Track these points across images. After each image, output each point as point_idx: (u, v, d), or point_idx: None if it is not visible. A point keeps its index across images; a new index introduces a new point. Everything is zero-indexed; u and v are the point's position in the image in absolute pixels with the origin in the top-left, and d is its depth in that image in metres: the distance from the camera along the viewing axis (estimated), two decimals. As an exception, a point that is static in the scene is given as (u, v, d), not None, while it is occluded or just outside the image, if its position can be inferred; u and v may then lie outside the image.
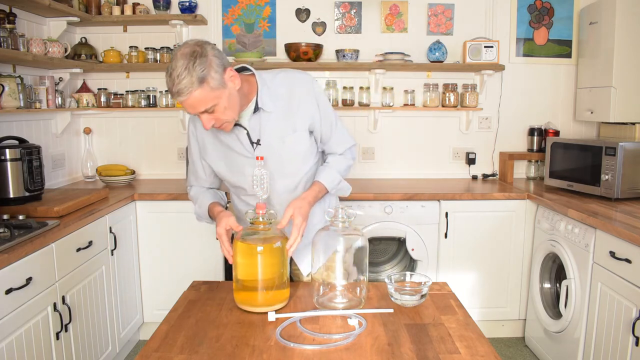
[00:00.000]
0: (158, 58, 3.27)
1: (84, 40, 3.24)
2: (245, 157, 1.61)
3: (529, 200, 2.95)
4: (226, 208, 1.74)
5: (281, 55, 3.37)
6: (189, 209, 2.76)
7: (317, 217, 1.75)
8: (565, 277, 2.51)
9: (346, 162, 1.74)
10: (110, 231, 2.57)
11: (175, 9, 3.29)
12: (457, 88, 3.37)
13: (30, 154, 2.38)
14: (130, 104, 3.31)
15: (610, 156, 2.61)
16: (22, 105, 2.57)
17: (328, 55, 3.38)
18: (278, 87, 1.59)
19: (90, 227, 2.36)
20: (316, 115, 1.63)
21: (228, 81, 1.43)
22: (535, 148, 3.39)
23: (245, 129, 1.58)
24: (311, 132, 1.66)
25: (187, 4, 3.18)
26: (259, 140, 1.59)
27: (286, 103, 1.59)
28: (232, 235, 1.56)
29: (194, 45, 1.37)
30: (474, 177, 3.50)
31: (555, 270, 2.76)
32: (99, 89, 3.33)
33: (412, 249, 2.94)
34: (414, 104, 3.37)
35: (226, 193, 1.85)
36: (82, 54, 3.16)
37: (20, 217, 2.13)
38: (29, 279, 1.83)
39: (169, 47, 3.28)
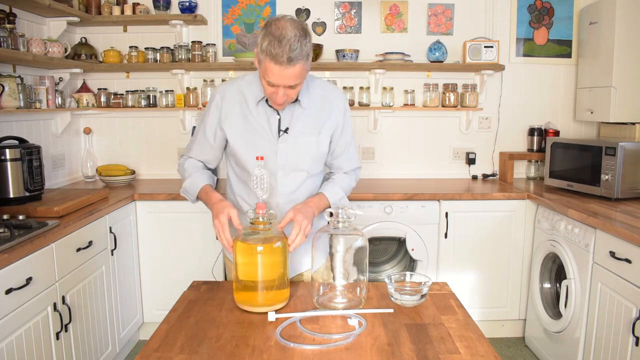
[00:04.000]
0: (158, 58, 3.27)
1: (84, 40, 3.24)
2: (266, 140, 1.65)
3: (529, 200, 2.95)
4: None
5: (281, 55, 3.36)
6: (189, 209, 2.78)
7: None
8: (565, 277, 2.51)
9: (350, 181, 1.82)
10: (110, 231, 2.57)
11: (175, 9, 3.28)
12: (457, 88, 3.36)
13: (30, 154, 2.38)
14: (130, 104, 3.30)
15: (610, 156, 2.61)
16: (22, 105, 2.57)
17: (328, 55, 3.37)
18: (315, 88, 1.70)
19: (90, 227, 2.36)
20: (339, 127, 1.72)
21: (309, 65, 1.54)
22: (535, 148, 3.39)
23: (278, 114, 1.65)
24: (330, 141, 1.73)
25: (187, 4, 3.18)
26: (287, 129, 1.65)
27: (319, 105, 1.69)
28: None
29: (300, 23, 1.47)
30: (474, 177, 3.50)
31: (555, 270, 2.76)
32: (99, 89, 3.33)
33: (412, 249, 2.94)
34: (414, 104, 3.37)
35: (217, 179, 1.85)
36: (82, 54, 3.16)
37: (20, 217, 2.13)
38: (29, 279, 1.83)
39: (169, 47, 3.28)
